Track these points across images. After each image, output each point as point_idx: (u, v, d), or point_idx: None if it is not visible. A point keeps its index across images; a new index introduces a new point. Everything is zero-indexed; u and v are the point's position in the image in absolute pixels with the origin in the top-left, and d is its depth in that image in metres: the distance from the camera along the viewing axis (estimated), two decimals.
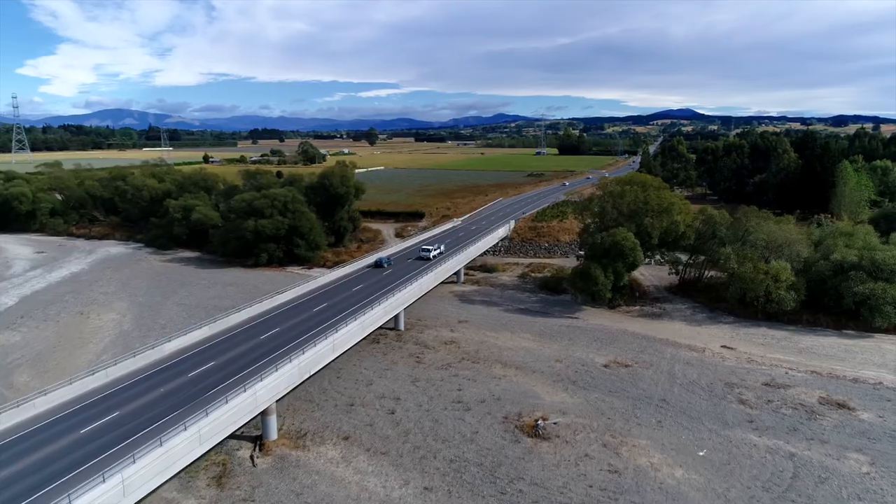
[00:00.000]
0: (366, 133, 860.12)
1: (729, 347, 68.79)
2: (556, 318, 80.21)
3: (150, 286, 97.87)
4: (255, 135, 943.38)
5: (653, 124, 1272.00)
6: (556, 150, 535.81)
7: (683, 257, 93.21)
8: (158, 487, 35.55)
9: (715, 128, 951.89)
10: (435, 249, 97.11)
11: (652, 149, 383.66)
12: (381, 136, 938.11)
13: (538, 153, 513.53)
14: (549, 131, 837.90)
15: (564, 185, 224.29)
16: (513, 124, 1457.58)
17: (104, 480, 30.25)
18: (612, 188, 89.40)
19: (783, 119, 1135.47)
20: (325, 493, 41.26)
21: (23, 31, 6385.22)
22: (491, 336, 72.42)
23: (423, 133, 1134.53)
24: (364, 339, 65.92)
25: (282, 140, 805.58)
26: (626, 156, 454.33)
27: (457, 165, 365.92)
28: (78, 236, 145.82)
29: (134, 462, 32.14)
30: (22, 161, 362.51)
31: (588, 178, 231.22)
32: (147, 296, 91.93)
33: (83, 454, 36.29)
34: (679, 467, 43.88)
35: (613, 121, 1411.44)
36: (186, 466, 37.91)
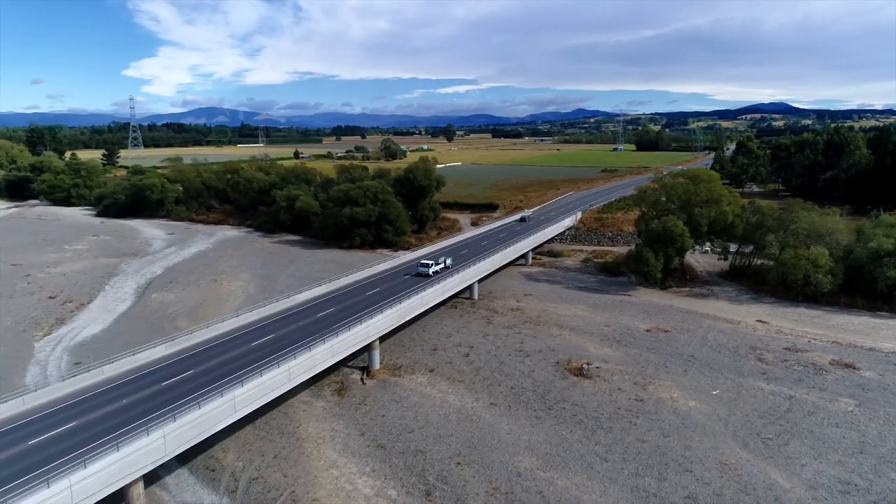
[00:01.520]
0: (443, 129, 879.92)
1: (763, 321, 78.10)
2: (611, 294, 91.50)
3: (264, 262, 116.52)
4: (338, 132, 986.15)
5: (741, 119, 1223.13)
6: (633, 147, 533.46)
7: (734, 246, 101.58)
8: (306, 381, 51.14)
9: (809, 122, 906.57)
10: (437, 264, 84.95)
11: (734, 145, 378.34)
12: (458, 133, 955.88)
13: (615, 149, 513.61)
14: (630, 127, 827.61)
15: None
16: (592, 120, 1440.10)
17: (279, 365, 45.92)
18: (666, 181, 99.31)
19: (889, 112, 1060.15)
20: (416, 402, 55.74)
21: (128, 35, 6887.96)
22: (551, 306, 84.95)
23: (501, 129, 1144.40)
24: (444, 303, 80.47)
25: (363, 137, 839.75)
26: (707, 152, 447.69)
27: (532, 161, 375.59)
28: (198, 222, 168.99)
29: (295, 358, 47.79)
30: (136, 157, 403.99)
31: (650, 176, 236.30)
32: (263, 269, 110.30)
33: (257, 356, 52.36)
34: (693, 400, 55.30)
35: (698, 115, 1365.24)
36: (322, 371, 53.43)
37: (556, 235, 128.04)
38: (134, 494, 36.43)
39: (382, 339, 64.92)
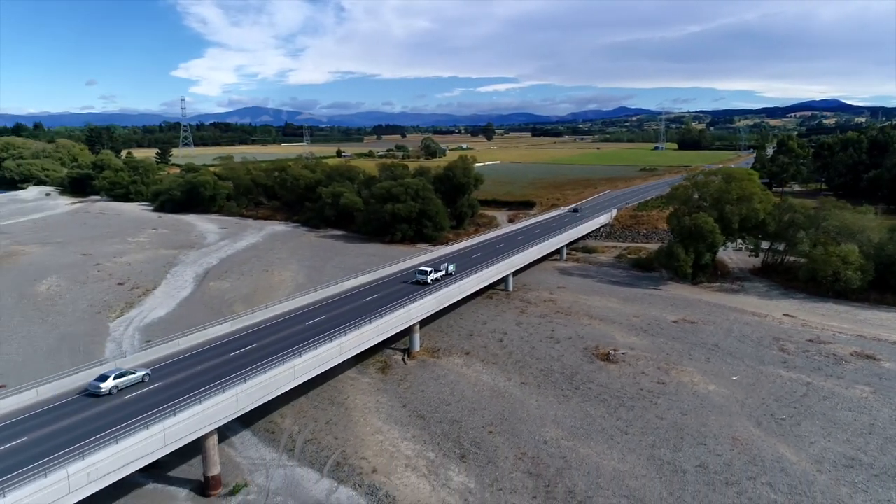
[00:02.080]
0: (483, 128, 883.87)
1: (790, 315, 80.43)
2: (642, 288, 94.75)
3: (311, 254, 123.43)
4: (379, 130, 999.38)
5: (790, 117, 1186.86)
6: (675, 145, 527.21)
7: (767, 244, 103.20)
8: (353, 359, 56.83)
9: (863, 120, 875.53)
10: (437, 271, 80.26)
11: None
12: (497, 131, 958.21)
13: (656, 148, 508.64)
14: (673, 125, 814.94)
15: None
16: (634, 118, 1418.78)
17: (331, 340, 51.68)
18: (698, 179, 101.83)
19: None
20: (453, 380, 60.82)
21: (177, 36, 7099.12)
22: (583, 298, 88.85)
23: (541, 128, 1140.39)
24: (481, 294, 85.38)
25: (404, 136, 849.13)
26: (751, 151, 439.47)
27: (571, 160, 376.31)
28: (247, 217, 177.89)
29: (345, 334, 53.57)
30: (186, 155, 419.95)
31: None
32: (311, 260, 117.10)
33: (311, 334, 58.19)
34: (713, 384, 58.81)
35: (745, 113, 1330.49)
36: (368, 351, 59.05)
37: (592, 232, 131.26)
38: (209, 445, 42.45)
39: (422, 324, 70.24)
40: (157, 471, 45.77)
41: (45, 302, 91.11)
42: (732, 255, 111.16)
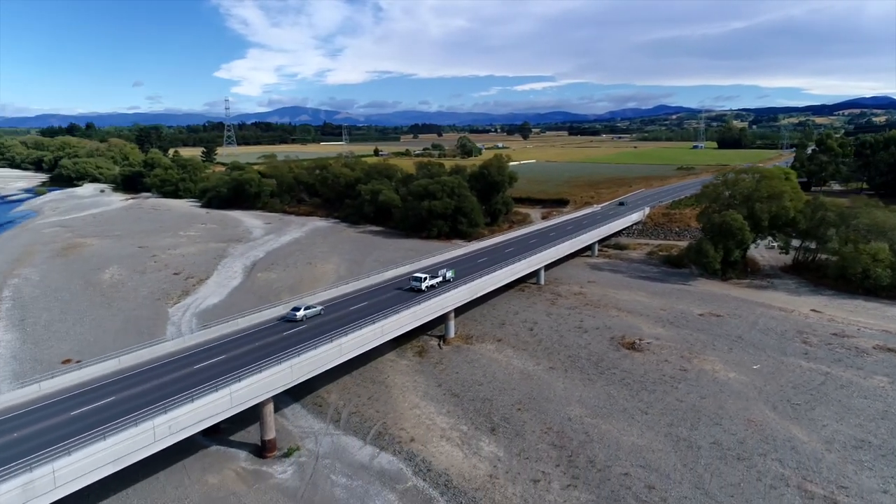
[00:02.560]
0: (519, 127, 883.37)
1: (817, 311, 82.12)
2: (671, 284, 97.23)
3: (351, 249, 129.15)
4: (416, 129, 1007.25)
5: (837, 114, 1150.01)
6: (714, 144, 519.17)
7: (798, 241, 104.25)
8: (393, 342, 61.74)
9: None
10: (433, 277, 77.83)
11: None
12: (534, 130, 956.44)
13: (695, 147, 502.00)
14: (714, 123, 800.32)
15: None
16: (674, 116, 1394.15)
17: (373, 322, 56.61)
18: (728, 177, 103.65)
19: None
20: (485, 364, 65.12)
21: (220, 38, 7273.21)
22: (612, 292, 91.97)
23: (578, 126, 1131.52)
24: (513, 287, 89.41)
25: (440, 135, 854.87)
26: (794, 149, 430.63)
27: (607, 159, 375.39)
28: (290, 213, 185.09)
29: (386, 317, 58.41)
30: (229, 154, 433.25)
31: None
32: (351, 254, 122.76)
33: (355, 317, 63.17)
34: (733, 372, 61.68)
35: (790, 111, 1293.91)
36: (406, 336, 63.84)
37: (624, 230, 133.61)
38: (266, 412, 47.72)
39: (457, 313, 74.69)
40: (219, 436, 51.45)
41: (109, 289, 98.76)
42: (764, 252, 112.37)
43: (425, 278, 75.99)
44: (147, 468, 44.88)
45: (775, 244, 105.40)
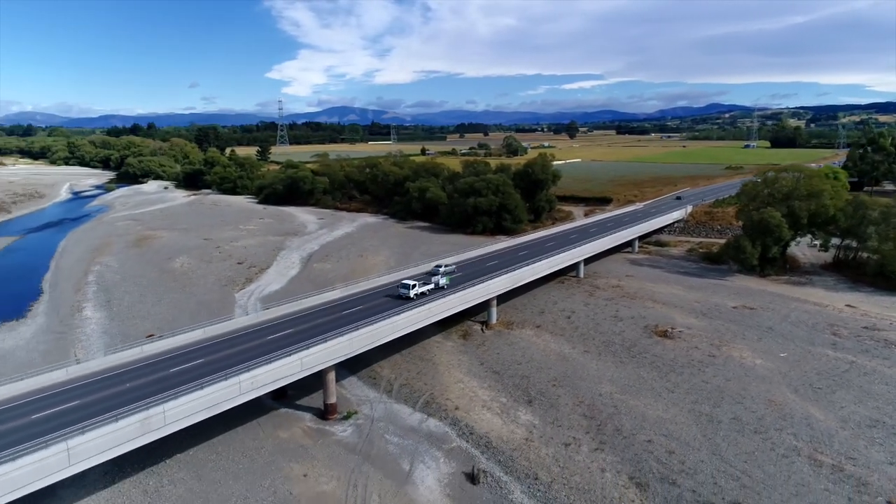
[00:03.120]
0: (566, 126, 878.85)
1: (851, 306, 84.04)
2: (708, 279, 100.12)
3: (400, 242, 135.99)
4: (462, 129, 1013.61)
5: None
6: (767, 143, 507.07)
7: (839, 240, 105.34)
8: (440, 325, 67.82)
9: None
10: (425, 284, 74.41)
11: None
12: (581, 129, 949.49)
13: (746, 146, 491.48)
14: (769, 122, 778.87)
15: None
16: (726, 115, 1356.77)
17: (422, 306, 62.74)
18: (768, 175, 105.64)
19: None
20: (524, 346, 70.45)
21: (272, 40, 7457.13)
22: (649, 285, 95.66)
23: (626, 125, 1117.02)
24: (553, 279, 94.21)
25: (486, 134, 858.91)
26: (851, 148, 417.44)
27: (654, 158, 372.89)
28: (341, 209, 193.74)
29: (434, 301, 64.48)
30: (282, 153, 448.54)
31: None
32: (400, 248, 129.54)
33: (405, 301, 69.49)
34: (760, 359, 65.19)
35: (851, 109, 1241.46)
36: (452, 321, 69.85)
37: (665, 227, 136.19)
38: (329, 378, 54.40)
39: (499, 301, 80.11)
40: (287, 400, 58.51)
41: (180, 276, 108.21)
42: (806, 250, 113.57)
43: (414, 285, 72.42)
44: (229, 424, 52.26)
45: (815, 242, 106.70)
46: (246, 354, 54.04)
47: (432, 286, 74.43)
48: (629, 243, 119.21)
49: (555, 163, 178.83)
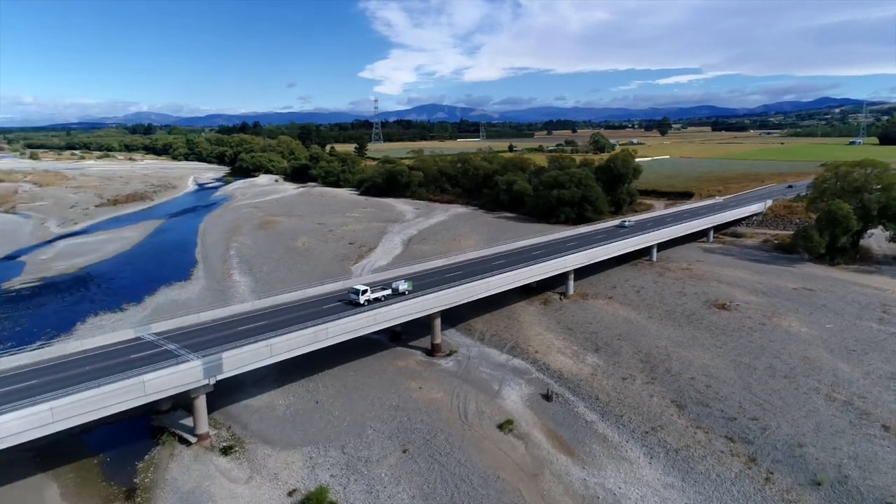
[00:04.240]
0: (658, 123, 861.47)
1: None
2: (776, 265, 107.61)
3: (488, 230, 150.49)
4: (550, 126, 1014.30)
5: None
6: (876, 140, 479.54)
7: None
8: (524, 293, 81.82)
9: None
10: (383, 289, 72.27)
11: None
12: (675, 126, 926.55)
13: (851, 143, 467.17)
14: (885, 117, 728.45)
15: None
16: (837, 110, 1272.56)
17: (511, 270, 77.02)
18: (841, 169, 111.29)
19: None
20: (596, 312, 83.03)
21: (365, 40, 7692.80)
22: (717, 269, 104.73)
23: (723, 121, 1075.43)
24: (626, 261, 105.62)
25: (574, 131, 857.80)
26: None
27: (746, 155, 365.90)
28: (434, 201, 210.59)
29: (519, 268, 78.61)
30: (376, 149, 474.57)
31: None
32: (488, 234, 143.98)
33: (495, 267, 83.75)
34: (805, 328, 74.39)
35: None
36: (534, 292, 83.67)
37: (743, 220, 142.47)
38: (436, 323, 69.75)
39: (576, 277, 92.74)
40: (400, 342, 74.45)
41: (304, 252, 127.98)
42: (883, 243, 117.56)
43: (365, 290, 69.51)
44: (360, 354, 68.83)
45: (886, 233, 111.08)
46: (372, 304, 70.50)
47: (388, 292, 72.21)
48: (704, 233, 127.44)
49: (641, 159, 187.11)
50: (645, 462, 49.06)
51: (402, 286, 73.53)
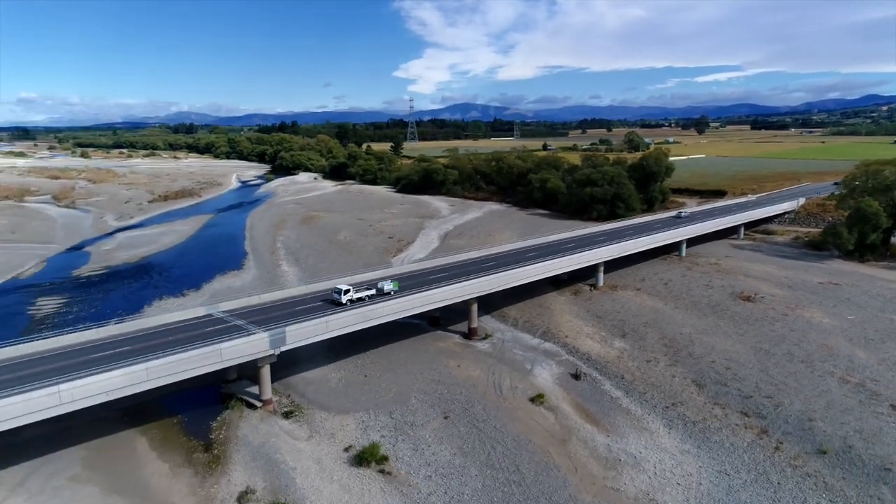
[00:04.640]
0: (695, 121, 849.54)
1: None
2: (804, 261, 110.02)
3: (522, 226, 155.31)
4: (584, 125, 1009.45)
5: None
6: None
7: None
8: (555, 284, 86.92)
9: None
10: (368, 288, 72.31)
11: None
12: (713, 125, 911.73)
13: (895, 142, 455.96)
14: None
15: None
16: (884, 107, 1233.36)
17: (540, 262, 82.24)
18: (872, 168, 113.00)
19: None
20: (624, 302, 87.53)
21: (399, 39, 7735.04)
22: (745, 264, 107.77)
23: (764, 120, 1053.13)
24: (655, 256, 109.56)
25: (609, 130, 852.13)
26: None
27: (784, 154, 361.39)
28: (469, 198, 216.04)
29: (553, 258, 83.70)
30: (411, 148, 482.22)
31: None
32: (522, 230, 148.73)
33: (527, 258, 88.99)
34: (827, 319, 77.61)
35: None
36: (565, 284, 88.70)
37: (774, 217, 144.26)
38: (473, 308, 75.42)
39: (606, 269, 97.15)
40: (439, 326, 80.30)
41: (346, 245, 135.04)
42: None
43: (348, 290, 69.77)
44: (403, 335, 74.94)
45: None
46: (421, 285, 76.56)
47: (372, 292, 72.09)
48: (734, 230, 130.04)
49: (676, 158, 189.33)
50: (664, 432, 53.87)
51: (388, 286, 73.20)
